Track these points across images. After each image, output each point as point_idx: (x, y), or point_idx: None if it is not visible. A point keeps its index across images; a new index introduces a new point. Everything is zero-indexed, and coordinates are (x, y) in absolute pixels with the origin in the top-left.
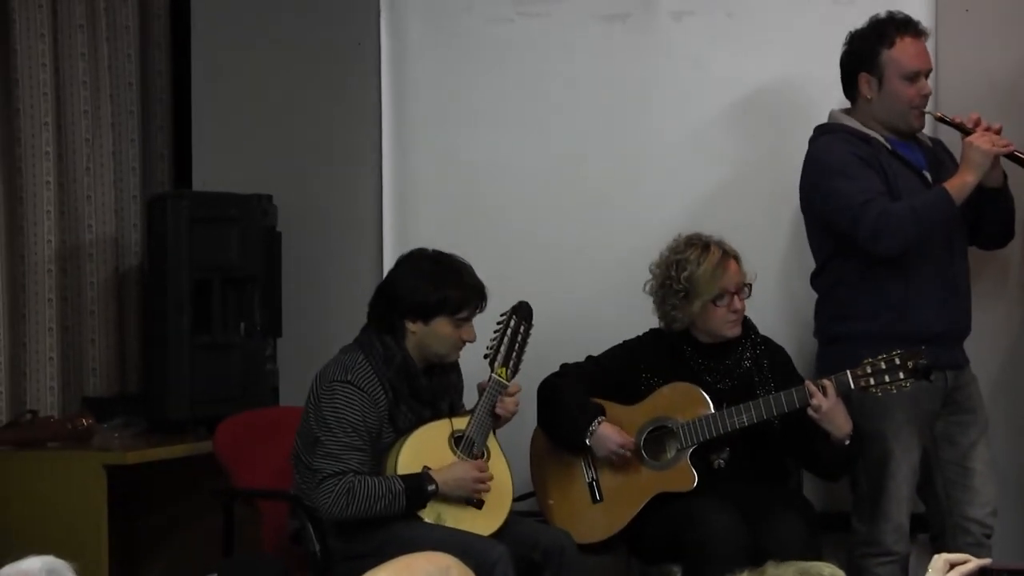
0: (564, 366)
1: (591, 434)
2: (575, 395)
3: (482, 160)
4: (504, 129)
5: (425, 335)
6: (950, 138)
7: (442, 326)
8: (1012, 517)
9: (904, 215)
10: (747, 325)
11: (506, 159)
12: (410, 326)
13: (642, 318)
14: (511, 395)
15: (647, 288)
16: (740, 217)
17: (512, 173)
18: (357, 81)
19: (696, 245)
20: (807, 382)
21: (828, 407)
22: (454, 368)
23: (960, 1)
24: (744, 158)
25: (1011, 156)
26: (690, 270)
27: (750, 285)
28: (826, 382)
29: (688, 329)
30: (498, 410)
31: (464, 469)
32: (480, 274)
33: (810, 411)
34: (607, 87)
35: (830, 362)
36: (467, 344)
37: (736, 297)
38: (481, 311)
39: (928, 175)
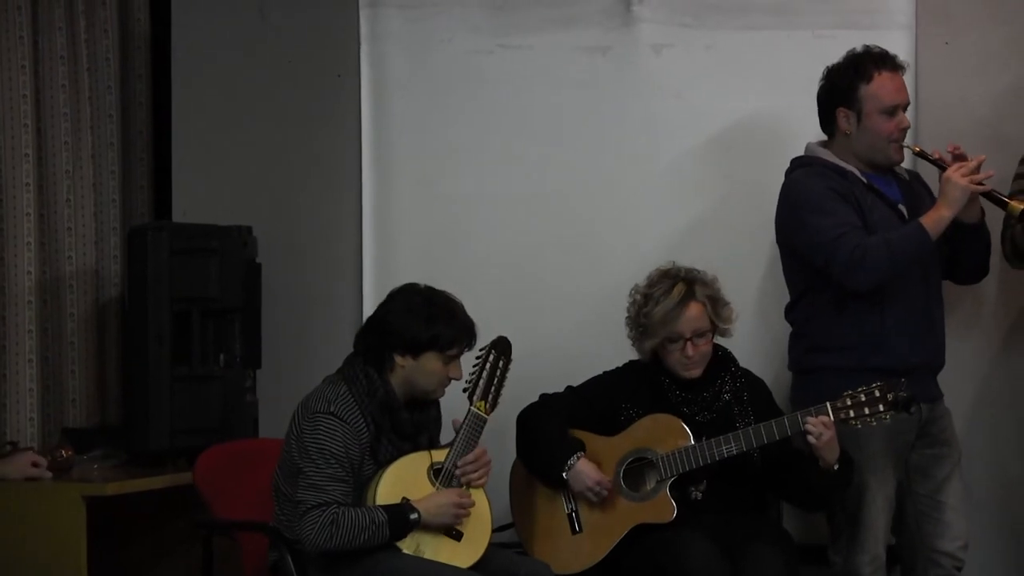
0: (544, 396)
1: (569, 469)
2: (554, 428)
3: (463, 192)
4: (485, 161)
5: (413, 370)
6: (928, 171)
7: (431, 362)
8: (986, 551)
9: (879, 249)
10: (727, 358)
11: (487, 191)
12: (399, 360)
13: (621, 349)
14: (472, 461)
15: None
16: (718, 249)
17: (493, 205)
18: (337, 113)
19: (665, 282)
20: (808, 419)
21: (829, 436)
22: (433, 402)
23: (940, 34)
24: (723, 190)
25: (987, 195)
26: (650, 307)
27: (712, 332)
28: (824, 419)
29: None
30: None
31: (445, 496)
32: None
33: (810, 439)
34: (588, 119)
35: (805, 394)
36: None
37: (690, 343)
38: (470, 349)
39: (904, 209)
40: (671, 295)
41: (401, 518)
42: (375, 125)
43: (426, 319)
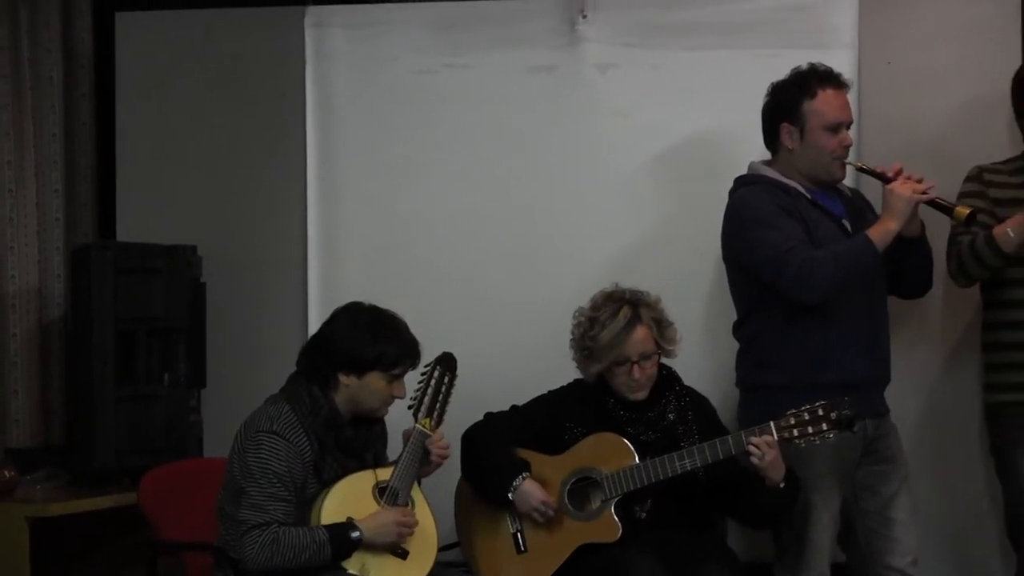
0: (489, 416)
1: (514, 490)
2: (499, 448)
3: (409, 210)
4: (431, 180)
5: (358, 389)
6: (869, 188)
7: (375, 381)
8: (935, 566)
9: (827, 262)
10: (671, 377)
11: (433, 210)
12: (343, 379)
13: (567, 368)
14: (441, 447)
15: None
16: (665, 267)
17: (439, 223)
18: (283, 132)
19: (610, 306)
20: (752, 439)
21: (773, 456)
22: (378, 419)
23: (882, 54)
24: (669, 208)
25: (932, 203)
26: (595, 331)
27: (659, 354)
28: (768, 438)
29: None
30: (433, 457)
31: (389, 515)
32: (408, 323)
33: (753, 459)
34: (533, 138)
35: (752, 411)
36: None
37: (637, 366)
38: (414, 368)
39: (848, 224)
40: (617, 318)
41: (343, 537)
42: (320, 144)
43: (371, 338)
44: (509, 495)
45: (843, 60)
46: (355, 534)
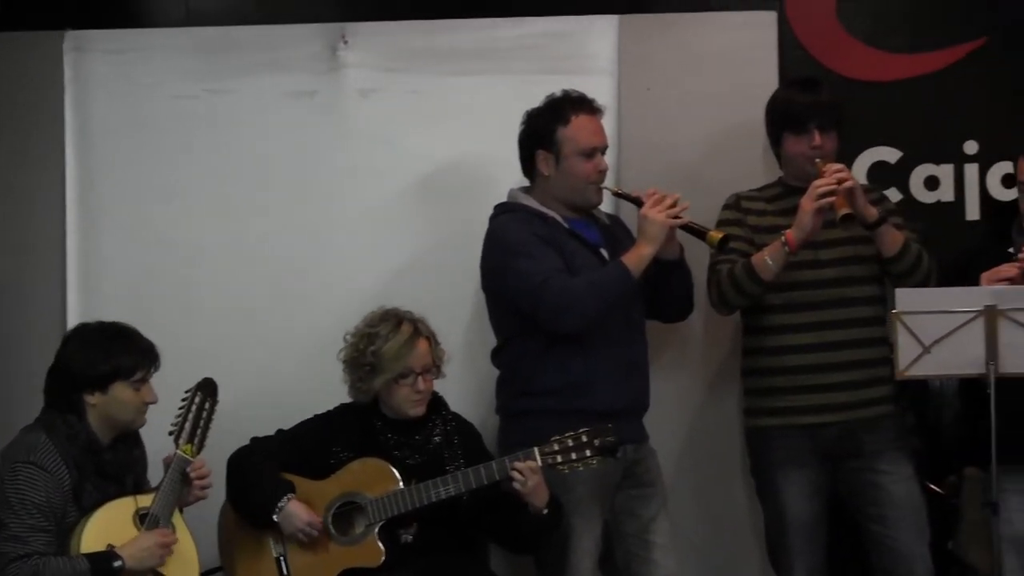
0: (254, 440)
1: (279, 511)
2: (264, 470)
3: (171, 237)
4: (193, 206)
5: (107, 404)
6: (629, 214)
7: (121, 392)
8: None
9: (584, 290)
10: (438, 401)
11: (196, 236)
12: (89, 399)
13: (334, 392)
14: (201, 475)
15: (339, 356)
16: (426, 293)
17: (202, 250)
18: (41, 158)
19: (389, 321)
20: (515, 464)
21: (536, 481)
22: (137, 443)
23: (641, 80)
24: (431, 234)
25: (686, 227)
26: (378, 345)
27: (439, 366)
28: (532, 464)
29: (378, 404)
30: (193, 489)
31: (148, 539)
32: (170, 350)
33: (516, 485)
34: (296, 163)
35: (513, 437)
36: (154, 420)
37: (421, 378)
38: (157, 370)
39: (605, 253)
40: (400, 331)
41: (104, 566)
42: (80, 171)
43: (104, 352)
44: (274, 516)
45: (603, 86)
46: (116, 563)
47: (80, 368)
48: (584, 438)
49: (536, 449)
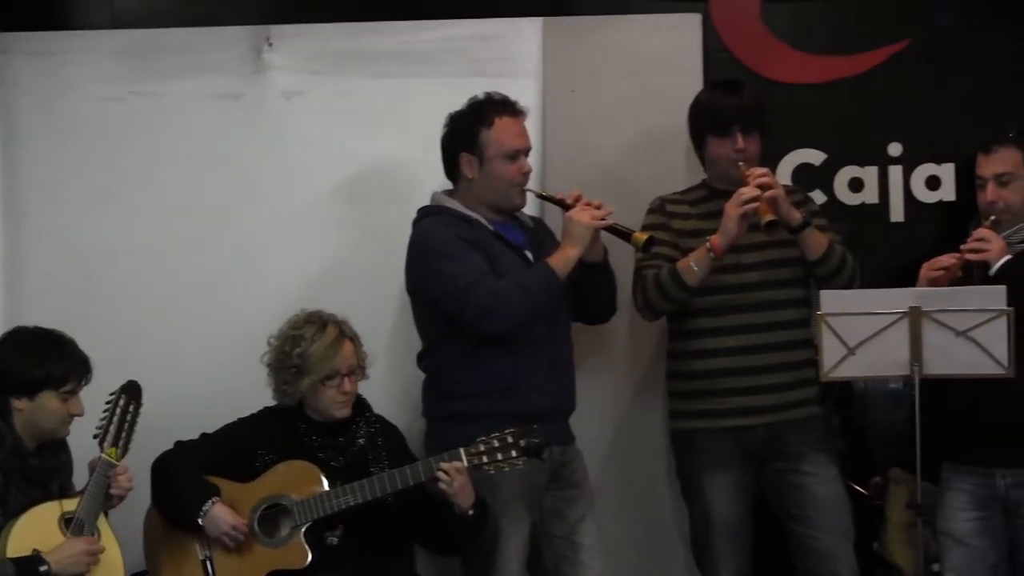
0: (179, 443)
1: (204, 514)
2: (189, 474)
3: (98, 240)
4: (120, 209)
5: (33, 411)
6: (552, 216)
7: (49, 401)
8: None
9: (510, 293)
10: (361, 404)
11: (122, 239)
12: (16, 404)
13: (258, 395)
14: (121, 473)
15: (263, 359)
16: (351, 295)
17: (128, 252)
18: None
19: (314, 323)
20: (441, 465)
21: (462, 482)
22: (64, 448)
23: (566, 82)
24: (355, 236)
25: (611, 229)
26: (304, 347)
27: (364, 368)
28: (457, 464)
29: (302, 406)
30: (113, 490)
31: (74, 545)
32: (96, 354)
33: (442, 485)
34: (221, 166)
35: (439, 440)
36: (77, 421)
37: (347, 379)
38: (87, 383)
39: (530, 254)
40: (326, 333)
41: (30, 570)
42: (5, 173)
43: (37, 358)
44: (199, 520)
45: (527, 88)
46: (43, 568)
47: (11, 371)
48: (510, 439)
49: (462, 450)
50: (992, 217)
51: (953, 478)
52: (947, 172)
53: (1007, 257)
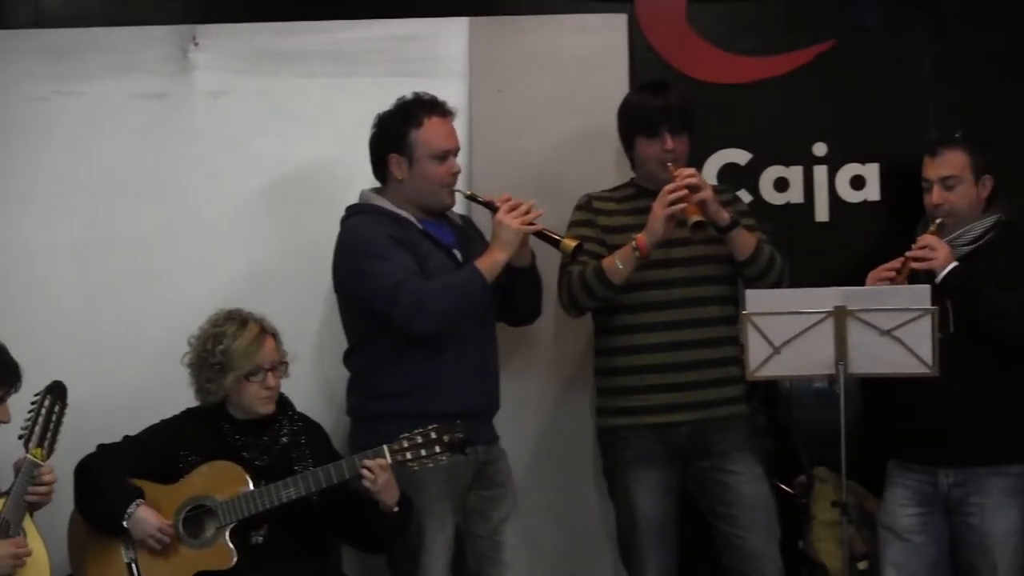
0: (101, 447)
1: (128, 517)
2: (112, 476)
3: (20, 241)
4: (43, 209)
5: None
6: (480, 215)
7: None
8: None
9: (438, 293)
10: (284, 402)
11: (44, 239)
12: None
13: (181, 396)
14: (45, 483)
15: (184, 360)
16: (277, 294)
17: (51, 254)
18: None
19: (234, 320)
20: (365, 462)
21: (386, 479)
22: None
23: (492, 82)
24: (281, 236)
25: (540, 234)
26: (226, 344)
27: (286, 363)
28: (381, 461)
29: (225, 406)
30: (29, 498)
31: (2, 548)
32: (18, 355)
33: (366, 483)
34: (146, 166)
35: (364, 439)
36: (3, 425)
37: (271, 374)
38: (16, 391)
39: (458, 254)
40: (247, 329)
41: None
42: None
43: None
44: (124, 523)
45: (454, 88)
46: None
47: None
48: (433, 435)
49: (385, 446)
50: (938, 220)
51: (897, 474)
52: (872, 172)
53: (953, 264)
